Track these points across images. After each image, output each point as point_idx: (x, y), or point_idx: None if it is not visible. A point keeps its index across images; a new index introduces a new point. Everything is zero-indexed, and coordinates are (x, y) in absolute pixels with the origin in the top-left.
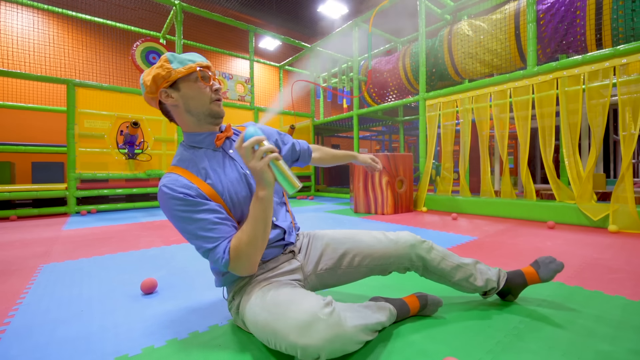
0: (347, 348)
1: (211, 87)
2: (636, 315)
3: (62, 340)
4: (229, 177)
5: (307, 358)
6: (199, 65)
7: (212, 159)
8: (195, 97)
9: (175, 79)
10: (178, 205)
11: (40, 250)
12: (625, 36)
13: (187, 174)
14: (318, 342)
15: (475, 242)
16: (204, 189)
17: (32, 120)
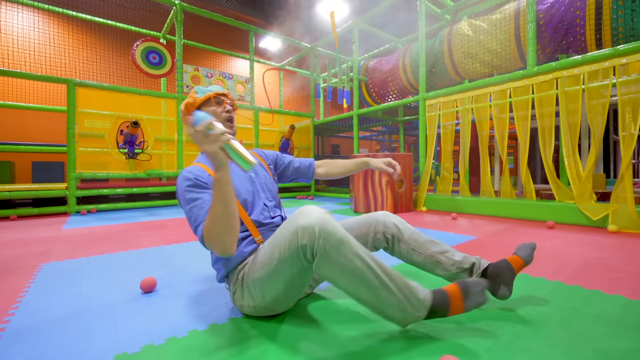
0: (329, 233)
1: (223, 108)
2: (635, 315)
3: (61, 338)
4: (239, 177)
5: (307, 230)
6: (215, 94)
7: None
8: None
9: (199, 104)
10: (187, 184)
11: (40, 250)
12: (625, 36)
13: (205, 167)
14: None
15: (475, 241)
16: (212, 173)
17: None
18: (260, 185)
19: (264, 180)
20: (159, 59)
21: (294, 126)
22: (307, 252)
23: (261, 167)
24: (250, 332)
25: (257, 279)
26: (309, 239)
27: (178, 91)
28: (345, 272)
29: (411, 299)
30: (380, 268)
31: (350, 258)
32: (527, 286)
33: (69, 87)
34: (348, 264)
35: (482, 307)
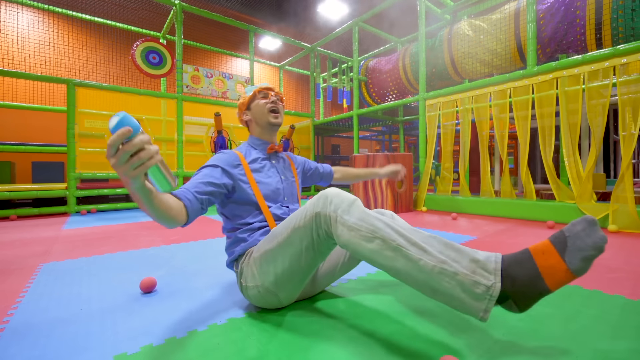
0: (342, 198)
1: (268, 100)
2: (635, 315)
3: (61, 338)
4: (266, 171)
5: (321, 197)
6: (259, 89)
7: (260, 158)
8: (258, 112)
9: (248, 102)
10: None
11: (40, 250)
12: (625, 36)
13: (239, 154)
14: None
15: (475, 241)
16: (244, 163)
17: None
18: (286, 187)
19: (291, 183)
20: (159, 59)
21: (294, 126)
22: (322, 221)
23: (290, 172)
24: (249, 332)
25: (266, 252)
26: (323, 205)
27: (178, 91)
28: (365, 236)
29: (464, 262)
30: (402, 228)
31: (364, 217)
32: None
33: (69, 87)
34: (364, 224)
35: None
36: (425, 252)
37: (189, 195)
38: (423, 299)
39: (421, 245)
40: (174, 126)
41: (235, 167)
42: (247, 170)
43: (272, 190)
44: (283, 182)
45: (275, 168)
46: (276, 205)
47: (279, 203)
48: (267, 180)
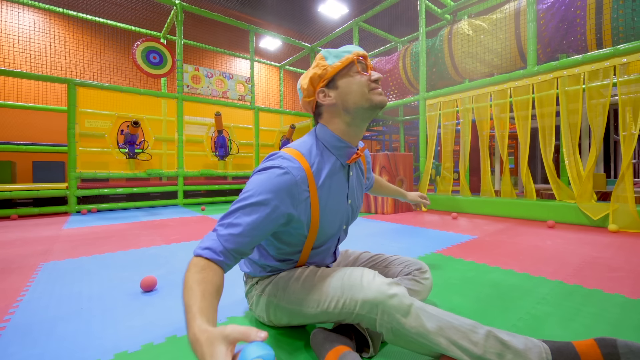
0: (395, 309)
1: (369, 77)
2: (635, 313)
3: (61, 337)
4: (335, 198)
5: (367, 303)
6: (356, 55)
7: (335, 171)
8: (353, 92)
9: (332, 75)
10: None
11: (40, 249)
12: (626, 35)
13: (307, 170)
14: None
15: (475, 241)
16: (312, 193)
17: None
18: (351, 213)
19: (357, 205)
20: (159, 59)
21: (294, 126)
22: (364, 320)
23: (360, 187)
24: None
25: (286, 309)
26: (369, 311)
27: (178, 91)
28: (422, 347)
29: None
30: (464, 336)
31: (422, 333)
32: (528, 285)
33: (70, 87)
34: (425, 342)
35: None
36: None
37: (230, 260)
38: None
39: (484, 358)
40: (174, 126)
41: (300, 200)
42: (313, 201)
43: (334, 229)
44: (350, 210)
45: (346, 187)
46: (321, 252)
47: (327, 248)
48: (334, 214)
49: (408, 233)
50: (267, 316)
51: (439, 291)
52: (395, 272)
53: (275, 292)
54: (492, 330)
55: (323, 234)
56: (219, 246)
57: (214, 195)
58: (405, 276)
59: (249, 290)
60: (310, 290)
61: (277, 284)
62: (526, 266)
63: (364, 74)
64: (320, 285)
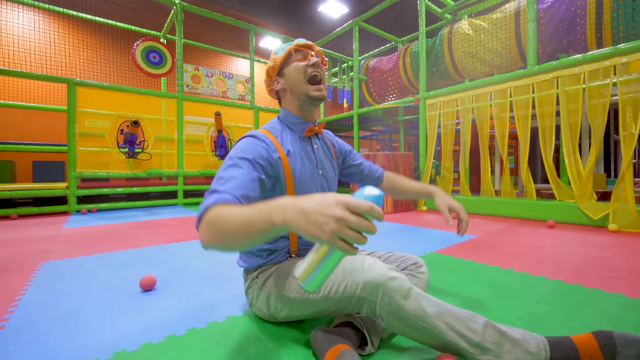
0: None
1: (308, 62)
2: (635, 313)
3: (60, 335)
4: (305, 165)
5: (368, 285)
6: (296, 45)
7: (298, 142)
8: (294, 77)
9: (280, 65)
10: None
11: (40, 248)
12: (626, 35)
13: (273, 139)
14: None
15: (475, 240)
16: (282, 156)
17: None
18: (326, 185)
19: (331, 180)
20: (159, 59)
21: None
22: (364, 306)
23: (331, 164)
24: (249, 330)
25: (288, 299)
26: (370, 293)
27: (178, 90)
28: (422, 332)
29: (517, 353)
30: (462, 323)
31: (422, 316)
32: (527, 284)
33: (70, 87)
34: (425, 325)
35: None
36: (483, 352)
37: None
38: None
39: (482, 346)
40: (174, 125)
41: (272, 159)
42: (284, 163)
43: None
44: (324, 181)
45: (314, 159)
46: None
47: None
48: (307, 180)
49: (408, 232)
50: (268, 309)
51: (438, 291)
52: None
53: (276, 283)
54: (490, 321)
55: (303, 190)
56: (228, 196)
57: None
58: (402, 271)
59: (249, 285)
60: None
61: (278, 275)
62: (526, 266)
63: (300, 60)
64: None
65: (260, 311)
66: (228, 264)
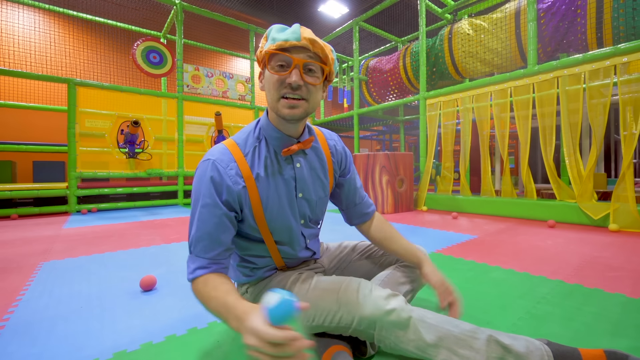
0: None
1: (283, 78)
2: (636, 313)
3: (61, 335)
4: (279, 189)
5: (365, 320)
6: (278, 46)
7: (274, 160)
8: (267, 89)
9: (261, 63)
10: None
11: (40, 248)
12: (626, 35)
13: (240, 161)
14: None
15: (476, 240)
16: (249, 184)
17: (34, 120)
18: (307, 209)
19: (315, 200)
20: (160, 59)
21: None
22: (362, 334)
23: (321, 181)
24: None
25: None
26: (367, 326)
27: (178, 90)
28: (424, 358)
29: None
30: (465, 344)
31: (421, 347)
32: (528, 285)
33: (70, 87)
34: (422, 354)
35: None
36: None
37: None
38: (429, 302)
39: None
40: (174, 126)
41: (235, 191)
42: (251, 191)
43: (287, 227)
44: (306, 204)
45: (293, 180)
46: (290, 249)
47: (295, 244)
48: (282, 207)
49: (408, 232)
50: None
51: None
52: (392, 261)
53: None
54: (493, 334)
55: (277, 227)
56: (203, 261)
57: None
58: (401, 264)
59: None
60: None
61: (262, 292)
62: (526, 266)
63: (275, 73)
64: (313, 299)
65: None
66: None
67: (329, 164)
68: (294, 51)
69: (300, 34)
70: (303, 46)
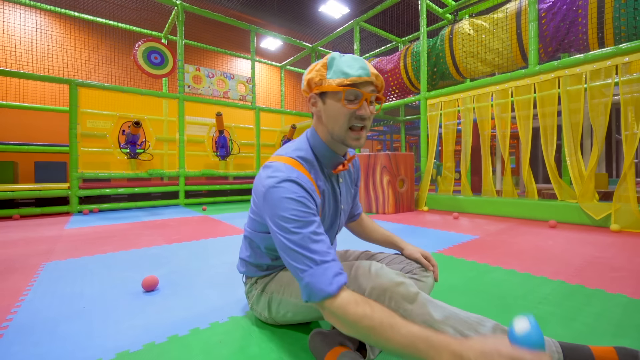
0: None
1: (355, 111)
2: (638, 313)
3: (63, 336)
4: (332, 203)
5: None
6: (350, 82)
7: (326, 178)
8: (334, 117)
9: (324, 90)
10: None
11: (42, 249)
12: (628, 35)
13: (309, 176)
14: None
15: (477, 240)
16: (319, 196)
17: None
18: (344, 219)
19: (347, 210)
20: (161, 59)
21: (295, 126)
22: None
23: (349, 195)
24: (251, 330)
25: (291, 303)
26: (377, 297)
27: (179, 91)
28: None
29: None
30: (471, 327)
31: (427, 320)
32: (529, 285)
33: (71, 88)
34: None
35: None
36: None
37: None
38: None
39: None
40: (175, 126)
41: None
42: (320, 206)
43: (329, 233)
44: (341, 217)
45: (339, 194)
46: None
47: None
48: (331, 218)
49: (409, 233)
50: (269, 313)
51: (440, 291)
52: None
53: (278, 289)
54: (500, 324)
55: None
56: (337, 265)
57: (215, 195)
58: (406, 274)
59: (249, 289)
60: None
61: (280, 280)
62: (528, 266)
63: (349, 107)
64: None
65: (261, 315)
66: (230, 265)
67: (353, 177)
68: (362, 86)
69: (369, 70)
70: (371, 82)
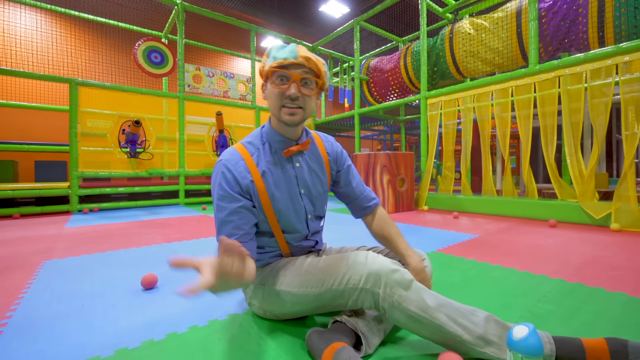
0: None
1: (284, 91)
2: (637, 312)
3: (62, 333)
4: (283, 185)
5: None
6: (278, 64)
7: (277, 160)
8: (270, 99)
9: (266, 74)
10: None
11: (42, 247)
12: (628, 34)
13: (248, 161)
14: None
15: (477, 239)
16: (256, 178)
17: (35, 120)
18: (309, 204)
19: (315, 195)
20: (161, 59)
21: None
22: (368, 297)
23: (319, 179)
24: (250, 327)
25: (289, 294)
26: (373, 284)
27: (180, 90)
28: (425, 327)
29: None
30: (464, 316)
31: (424, 307)
32: (529, 283)
33: (71, 87)
34: (426, 317)
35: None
36: (487, 344)
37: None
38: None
39: (485, 338)
40: (175, 125)
41: (245, 184)
42: (259, 186)
43: (293, 219)
44: (304, 197)
45: (295, 178)
46: (295, 236)
47: (299, 233)
48: (286, 201)
49: (409, 232)
50: (268, 306)
51: (440, 290)
52: None
53: (274, 281)
54: (492, 315)
55: (283, 218)
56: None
57: None
58: (403, 265)
59: (246, 285)
60: (316, 271)
61: (276, 272)
62: (527, 265)
63: (277, 87)
64: (325, 267)
65: (259, 309)
66: None
67: (325, 162)
68: (291, 68)
69: (297, 52)
70: (300, 63)
